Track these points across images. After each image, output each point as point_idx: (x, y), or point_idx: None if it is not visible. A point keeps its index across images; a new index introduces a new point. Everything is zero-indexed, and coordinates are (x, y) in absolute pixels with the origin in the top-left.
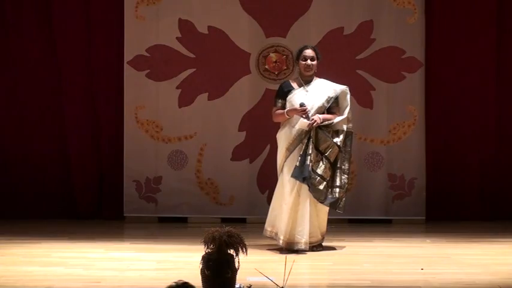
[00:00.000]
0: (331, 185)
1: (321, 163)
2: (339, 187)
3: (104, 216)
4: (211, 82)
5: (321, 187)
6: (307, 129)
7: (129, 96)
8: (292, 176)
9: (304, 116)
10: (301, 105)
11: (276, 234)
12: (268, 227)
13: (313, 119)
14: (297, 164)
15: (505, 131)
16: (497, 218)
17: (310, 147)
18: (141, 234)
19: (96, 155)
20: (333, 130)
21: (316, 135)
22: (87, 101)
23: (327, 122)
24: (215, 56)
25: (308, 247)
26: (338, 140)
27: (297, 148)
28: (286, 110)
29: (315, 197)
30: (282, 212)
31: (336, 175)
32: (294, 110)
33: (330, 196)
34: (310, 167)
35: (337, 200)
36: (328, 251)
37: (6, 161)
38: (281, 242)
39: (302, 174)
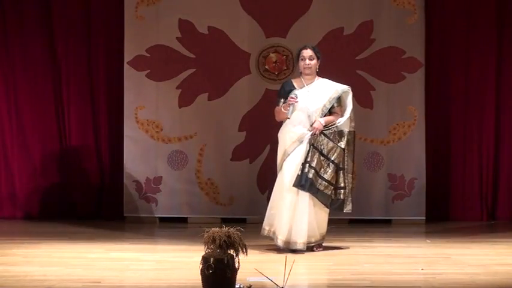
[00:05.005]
0: (335, 186)
1: (327, 168)
2: (343, 188)
3: (104, 216)
4: (211, 82)
5: (328, 192)
6: (310, 136)
7: (129, 96)
8: (294, 185)
9: (290, 102)
10: (293, 94)
11: (274, 233)
12: (266, 226)
13: (314, 128)
14: (299, 172)
15: (504, 130)
16: (497, 218)
17: (310, 154)
18: (141, 234)
19: (96, 155)
20: (336, 132)
21: (319, 141)
22: (87, 100)
23: (330, 125)
24: (215, 56)
25: (306, 247)
26: (342, 142)
27: (297, 148)
28: (282, 106)
29: (321, 202)
30: (280, 211)
31: (340, 176)
32: (287, 104)
33: (334, 198)
34: (311, 175)
35: (343, 201)
36: (328, 251)
37: (7, 160)
38: (279, 241)
39: (300, 183)
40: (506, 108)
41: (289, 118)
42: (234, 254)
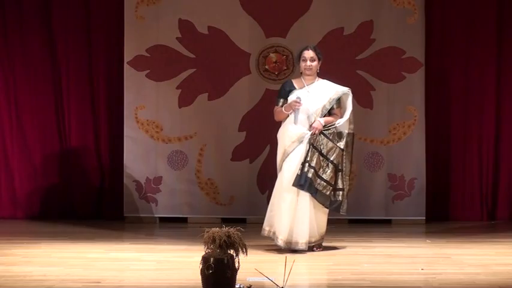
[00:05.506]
0: (333, 188)
1: (326, 168)
2: (341, 190)
3: (104, 216)
4: (211, 82)
5: (327, 192)
6: (309, 136)
7: (129, 96)
8: (293, 185)
9: (296, 108)
10: (297, 98)
11: (274, 233)
12: (266, 226)
13: (313, 127)
14: (298, 172)
15: (504, 131)
16: (497, 218)
17: (310, 154)
18: (141, 234)
19: (96, 155)
20: (335, 132)
21: (318, 140)
22: (87, 101)
23: (330, 125)
24: (215, 56)
25: (307, 247)
26: (341, 143)
27: (297, 148)
28: (283, 106)
29: (320, 202)
30: (280, 212)
31: (338, 178)
32: (289, 106)
33: (333, 199)
34: (311, 174)
35: (341, 202)
36: (328, 251)
37: (7, 160)
38: (279, 241)
39: (299, 183)
40: (506, 108)
41: (295, 124)
42: (234, 254)
